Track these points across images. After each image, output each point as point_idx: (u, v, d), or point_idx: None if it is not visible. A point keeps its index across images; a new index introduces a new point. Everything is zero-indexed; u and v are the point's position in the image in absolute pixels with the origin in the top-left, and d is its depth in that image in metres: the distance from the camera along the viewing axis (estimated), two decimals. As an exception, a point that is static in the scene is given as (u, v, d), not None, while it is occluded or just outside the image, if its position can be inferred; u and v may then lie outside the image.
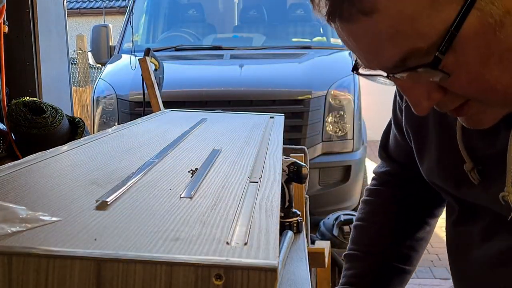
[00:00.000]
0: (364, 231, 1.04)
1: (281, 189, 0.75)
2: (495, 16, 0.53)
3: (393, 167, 1.06)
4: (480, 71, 0.58)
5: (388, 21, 0.56)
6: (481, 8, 0.53)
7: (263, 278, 0.43)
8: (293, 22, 4.34)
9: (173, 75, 3.15)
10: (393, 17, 0.56)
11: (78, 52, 8.38)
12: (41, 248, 0.46)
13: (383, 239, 1.02)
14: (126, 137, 1.16)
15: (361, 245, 1.03)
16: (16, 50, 2.36)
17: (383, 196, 1.06)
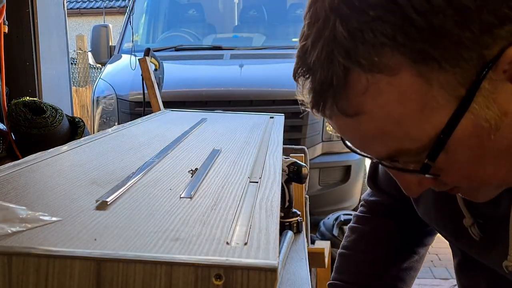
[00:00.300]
0: (349, 260, 0.98)
1: (281, 189, 0.75)
2: (490, 120, 0.51)
3: (383, 198, 1.00)
4: (472, 168, 0.56)
5: (374, 123, 0.54)
6: (475, 113, 0.51)
7: (263, 278, 0.43)
8: (293, 22, 4.34)
9: (173, 75, 3.15)
10: (380, 120, 0.53)
11: (78, 52, 8.38)
12: (41, 248, 0.46)
13: (368, 269, 0.96)
14: (126, 137, 1.16)
15: (346, 274, 0.97)
16: (16, 50, 2.36)
17: (371, 224, 1.00)
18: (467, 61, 0.49)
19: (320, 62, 0.53)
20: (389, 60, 0.50)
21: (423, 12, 0.48)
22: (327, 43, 0.52)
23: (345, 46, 0.50)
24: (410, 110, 0.52)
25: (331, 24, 0.51)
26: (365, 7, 0.49)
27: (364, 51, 0.50)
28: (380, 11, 0.49)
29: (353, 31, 0.50)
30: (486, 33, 0.48)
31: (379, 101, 0.52)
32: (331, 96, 0.54)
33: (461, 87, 0.50)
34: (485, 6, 0.48)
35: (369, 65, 0.50)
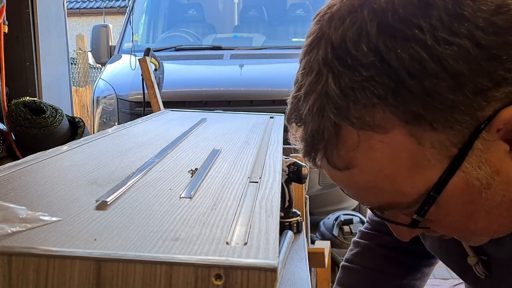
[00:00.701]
0: (352, 273, 0.97)
1: (281, 189, 0.75)
2: (481, 179, 0.51)
3: None
4: (463, 222, 0.56)
5: (365, 177, 0.54)
6: (467, 171, 0.51)
7: (263, 278, 0.43)
8: (293, 22, 4.33)
9: (173, 75, 3.15)
10: (371, 174, 0.53)
11: (78, 52, 8.38)
12: (41, 248, 0.46)
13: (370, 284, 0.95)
14: (126, 137, 1.16)
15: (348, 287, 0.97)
16: (16, 50, 2.36)
17: (375, 240, 0.99)
18: (460, 123, 0.49)
19: (312, 115, 0.53)
20: (380, 119, 0.50)
21: (416, 75, 0.48)
22: (319, 98, 0.52)
23: (337, 103, 0.50)
24: (401, 167, 0.52)
25: (324, 79, 0.51)
26: (358, 66, 0.49)
27: (355, 110, 0.50)
28: (373, 72, 0.48)
29: (345, 89, 0.50)
30: (480, 96, 0.48)
31: (370, 157, 0.52)
32: (322, 149, 0.54)
33: (453, 147, 0.50)
34: (479, 70, 0.48)
35: (361, 123, 0.50)
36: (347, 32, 0.50)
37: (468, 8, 0.48)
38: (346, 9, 0.51)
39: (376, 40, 0.48)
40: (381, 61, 0.48)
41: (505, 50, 0.48)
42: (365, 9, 0.50)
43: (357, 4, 0.51)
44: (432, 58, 0.47)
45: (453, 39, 0.48)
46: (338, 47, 0.50)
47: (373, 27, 0.49)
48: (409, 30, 0.48)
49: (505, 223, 0.57)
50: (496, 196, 0.53)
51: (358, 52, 0.49)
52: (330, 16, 0.52)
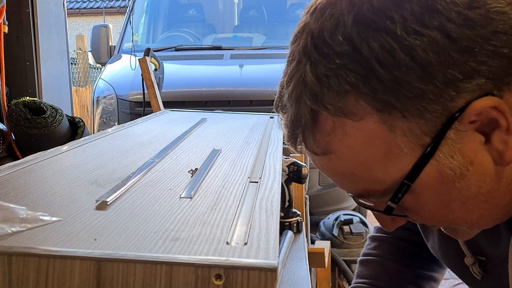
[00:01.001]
0: (371, 265, 0.98)
1: (281, 189, 0.75)
2: (454, 169, 0.53)
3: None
4: (440, 211, 0.57)
5: (342, 163, 0.56)
6: (440, 161, 0.52)
7: (263, 278, 0.43)
8: (293, 22, 4.33)
9: (173, 75, 3.14)
10: (347, 160, 0.55)
11: (78, 52, 8.37)
12: (41, 248, 0.46)
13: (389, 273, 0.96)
14: (126, 137, 1.16)
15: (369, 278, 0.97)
16: (16, 50, 2.36)
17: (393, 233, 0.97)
18: (431, 113, 0.50)
19: (291, 102, 0.55)
20: (353, 106, 0.51)
21: (386, 64, 0.49)
22: (297, 85, 0.54)
23: (313, 90, 0.52)
24: (375, 154, 0.53)
25: (302, 66, 0.53)
26: (332, 55, 0.51)
27: (329, 96, 0.52)
28: (346, 60, 0.50)
29: (320, 77, 0.52)
30: (450, 86, 0.50)
31: (346, 143, 0.54)
32: (300, 135, 0.56)
33: (425, 136, 0.52)
34: (449, 61, 0.49)
35: (335, 109, 0.52)
36: (325, 23, 0.52)
37: (441, 2, 0.50)
38: (328, 1, 0.54)
39: (351, 30, 0.51)
40: (353, 50, 0.50)
41: (478, 43, 0.49)
42: (343, 1, 0.52)
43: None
44: (401, 48, 0.49)
45: (424, 30, 0.49)
46: (317, 37, 0.53)
47: (349, 18, 0.51)
48: (381, 21, 0.50)
49: (484, 215, 0.58)
50: (471, 187, 0.54)
51: (334, 41, 0.51)
52: (314, 9, 0.55)
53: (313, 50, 0.53)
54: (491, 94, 0.51)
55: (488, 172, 0.53)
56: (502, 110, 0.51)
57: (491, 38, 0.50)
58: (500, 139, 0.52)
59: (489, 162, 0.53)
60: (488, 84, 0.50)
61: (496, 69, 0.50)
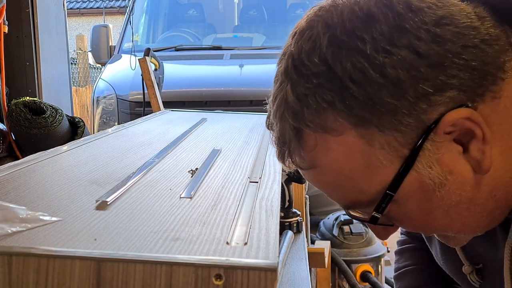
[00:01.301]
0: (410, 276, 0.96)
1: (281, 189, 0.75)
2: (433, 179, 0.54)
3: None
4: (425, 219, 0.59)
5: (327, 176, 0.58)
6: (419, 171, 0.54)
7: (263, 278, 0.43)
8: (293, 22, 4.31)
9: (173, 75, 3.14)
10: (332, 174, 0.57)
11: (78, 52, 8.37)
12: (41, 248, 0.46)
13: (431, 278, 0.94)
14: (126, 137, 1.16)
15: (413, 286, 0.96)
16: (16, 50, 2.36)
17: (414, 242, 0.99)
18: (406, 126, 0.53)
19: (276, 120, 0.58)
20: (332, 122, 0.54)
21: (358, 82, 0.52)
22: (280, 104, 0.57)
23: (294, 108, 0.55)
24: (357, 167, 0.56)
25: (284, 87, 0.57)
26: (310, 75, 0.54)
27: (309, 114, 0.55)
28: (322, 79, 0.53)
29: (299, 96, 0.55)
30: (422, 100, 0.52)
31: (329, 157, 0.56)
32: (287, 151, 0.59)
33: (403, 147, 0.54)
34: (419, 76, 0.52)
35: (315, 126, 0.55)
36: (303, 45, 0.56)
37: (410, 21, 0.53)
38: (307, 25, 0.58)
39: (326, 51, 0.54)
40: (328, 70, 0.53)
41: (447, 58, 0.52)
42: (319, 24, 0.56)
43: (315, 20, 0.57)
44: (372, 67, 0.52)
45: (393, 49, 0.52)
46: (297, 59, 0.56)
47: (324, 40, 0.54)
48: (352, 41, 0.53)
49: (468, 222, 0.59)
50: (451, 195, 0.56)
51: (311, 62, 0.54)
52: (295, 32, 0.59)
53: (293, 71, 0.56)
54: (465, 106, 0.53)
55: (468, 180, 0.55)
56: (476, 120, 0.53)
57: (461, 53, 0.52)
58: (477, 148, 0.54)
59: (468, 171, 0.55)
60: (461, 96, 0.53)
61: (467, 82, 0.53)
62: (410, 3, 0.54)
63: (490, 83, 0.54)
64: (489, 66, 0.54)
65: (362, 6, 0.54)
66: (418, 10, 0.53)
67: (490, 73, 0.54)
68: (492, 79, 0.54)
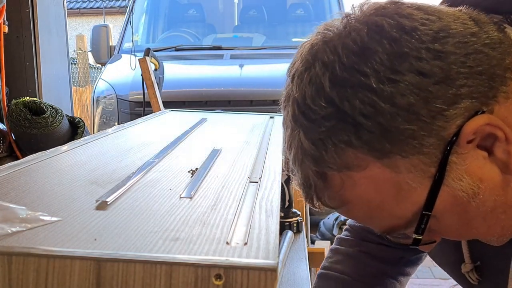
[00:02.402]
0: (331, 282, 0.94)
1: (281, 189, 0.75)
2: (466, 190, 0.54)
3: None
4: (465, 229, 0.59)
5: (360, 210, 0.58)
6: (450, 185, 0.54)
7: (263, 278, 0.43)
8: (293, 22, 4.33)
9: (173, 75, 3.14)
10: (364, 207, 0.58)
11: (78, 52, 8.36)
12: (41, 248, 0.46)
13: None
14: (126, 137, 1.16)
15: None
16: (16, 50, 2.36)
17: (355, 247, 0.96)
18: (427, 147, 0.53)
19: (297, 166, 0.58)
20: (354, 160, 0.54)
21: (370, 116, 0.52)
22: (297, 152, 0.57)
23: (312, 155, 0.55)
24: (388, 196, 0.56)
25: (296, 134, 0.57)
26: (320, 119, 0.54)
27: (329, 157, 0.55)
28: (333, 121, 0.53)
29: (315, 141, 0.55)
30: (438, 118, 0.52)
31: (358, 193, 0.56)
32: (314, 195, 0.59)
33: (430, 167, 0.54)
34: (429, 96, 0.51)
35: (338, 167, 0.55)
36: (306, 89, 0.55)
37: (407, 44, 0.52)
38: (303, 66, 0.57)
39: (330, 92, 0.53)
40: (338, 111, 0.53)
41: (452, 70, 0.52)
42: (317, 64, 0.55)
43: (310, 60, 0.56)
44: (381, 98, 0.51)
45: (397, 76, 0.51)
46: (302, 104, 0.56)
47: (325, 81, 0.54)
48: (354, 77, 0.52)
49: (507, 225, 0.59)
50: (486, 202, 0.55)
51: (317, 106, 0.54)
52: (294, 74, 0.58)
53: (301, 118, 0.56)
54: (480, 112, 0.52)
55: (499, 184, 0.55)
56: (495, 124, 0.52)
57: (465, 61, 0.52)
58: (502, 149, 0.53)
59: (497, 174, 0.54)
60: (475, 103, 0.52)
61: (477, 88, 0.52)
62: (403, 25, 0.53)
63: (499, 84, 0.53)
64: (496, 68, 0.53)
65: (354, 39, 0.54)
66: (412, 30, 0.52)
67: (498, 74, 0.53)
68: (500, 80, 0.53)
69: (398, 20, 0.53)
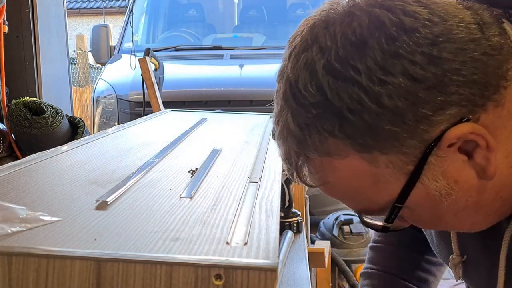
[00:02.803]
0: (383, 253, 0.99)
1: (281, 189, 0.75)
2: (439, 190, 0.56)
3: None
4: (436, 222, 0.61)
5: (338, 189, 0.60)
6: (425, 184, 0.55)
7: (263, 278, 0.43)
8: (293, 22, 4.32)
9: (173, 75, 3.14)
10: (342, 188, 0.59)
11: (78, 52, 8.36)
12: (41, 248, 0.46)
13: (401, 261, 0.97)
14: (126, 137, 1.16)
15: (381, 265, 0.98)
16: (16, 50, 2.36)
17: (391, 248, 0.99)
18: (407, 147, 0.53)
19: (281, 142, 0.59)
20: (335, 149, 0.55)
21: (356, 112, 0.52)
22: (283, 129, 0.58)
23: (296, 136, 0.56)
24: (366, 183, 0.57)
25: (284, 114, 0.57)
26: (308, 105, 0.55)
27: (312, 142, 0.56)
28: (321, 109, 0.54)
29: (301, 125, 0.56)
30: (423, 122, 0.52)
31: (337, 176, 0.58)
32: (294, 171, 0.60)
33: (407, 165, 0.55)
34: (417, 101, 0.51)
35: (319, 152, 0.56)
36: (300, 73, 0.56)
37: (404, 45, 0.52)
38: (302, 45, 0.57)
39: (322, 81, 0.54)
40: (326, 100, 0.54)
41: (446, 77, 0.51)
42: (314, 47, 0.55)
43: (309, 41, 0.56)
44: (368, 97, 0.52)
45: (388, 78, 0.52)
46: (294, 86, 0.56)
47: (319, 67, 0.54)
48: (347, 71, 0.53)
49: (477, 221, 0.61)
50: (459, 202, 0.57)
51: (308, 92, 0.55)
52: (292, 51, 0.58)
53: (292, 99, 0.56)
54: (465, 119, 0.53)
55: (473, 187, 0.56)
56: (478, 132, 0.53)
57: (460, 69, 0.52)
58: (482, 156, 0.54)
59: (473, 177, 0.55)
60: (462, 110, 0.52)
61: (468, 96, 0.52)
62: (403, 24, 0.52)
63: (491, 92, 0.53)
64: (490, 77, 0.53)
65: (355, 30, 0.53)
66: (412, 30, 0.52)
67: (491, 84, 0.53)
68: (493, 89, 0.53)
69: (400, 18, 0.53)
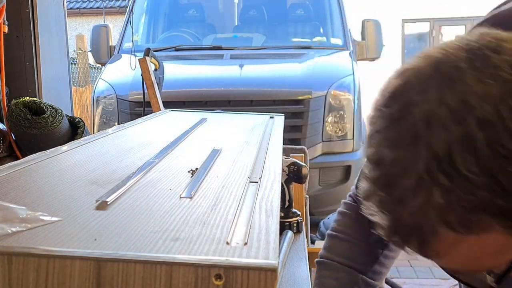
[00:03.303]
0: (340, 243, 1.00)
1: (281, 189, 0.75)
2: None
3: None
4: None
5: (454, 260, 0.57)
6: None
7: (263, 278, 0.43)
8: (293, 22, 4.33)
9: (173, 75, 3.14)
10: (459, 258, 0.55)
11: (78, 52, 8.36)
12: (41, 248, 0.46)
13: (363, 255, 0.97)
14: (126, 137, 1.16)
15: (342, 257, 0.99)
16: (16, 50, 2.35)
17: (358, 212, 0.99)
18: None
19: (413, 212, 0.52)
20: (482, 227, 0.50)
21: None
22: (423, 205, 0.50)
23: (441, 213, 0.50)
24: (489, 253, 0.54)
25: (426, 188, 0.50)
26: (473, 188, 0.48)
27: (462, 222, 0.50)
28: (486, 193, 0.48)
29: (453, 205, 0.49)
30: None
31: (461, 249, 0.53)
32: (415, 242, 0.55)
33: None
34: None
35: (459, 230, 0.50)
36: (452, 146, 0.48)
37: None
38: (451, 113, 0.48)
39: (489, 162, 0.47)
40: (495, 184, 0.47)
41: None
42: (471, 120, 0.47)
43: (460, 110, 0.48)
44: None
45: None
46: (444, 161, 0.48)
47: (483, 145, 0.47)
48: None
49: None
50: None
51: (471, 173, 0.47)
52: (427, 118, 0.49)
53: (441, 175, 0.48)
54: None
55: None
56: None
57: None
58: None
59: None
60: None
61: None
62: None
63: None
64: None
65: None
66: None
67: None
68: None
69: None
